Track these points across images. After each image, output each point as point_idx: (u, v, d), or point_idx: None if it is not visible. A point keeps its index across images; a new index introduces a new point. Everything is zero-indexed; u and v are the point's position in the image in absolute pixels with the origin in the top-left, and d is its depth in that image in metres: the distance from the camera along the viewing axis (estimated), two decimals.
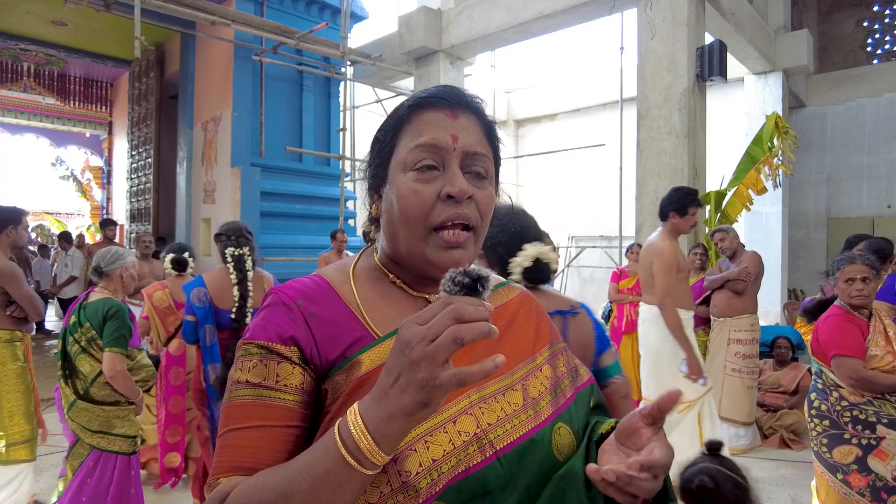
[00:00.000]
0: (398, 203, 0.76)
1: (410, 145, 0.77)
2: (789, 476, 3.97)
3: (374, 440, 0.58)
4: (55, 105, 11.64)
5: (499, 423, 0.75)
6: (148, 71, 8.91)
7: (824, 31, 10.28)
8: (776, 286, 8.28)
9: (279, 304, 0.77)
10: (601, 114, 10.92)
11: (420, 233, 0.76)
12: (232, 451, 0.69)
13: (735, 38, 7.06)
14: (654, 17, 6.00)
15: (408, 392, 0.56)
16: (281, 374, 0.72)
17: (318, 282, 0.82)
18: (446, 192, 0.74)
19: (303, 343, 0.74)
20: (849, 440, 2.47)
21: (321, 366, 0.74)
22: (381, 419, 0.58)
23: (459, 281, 0.60)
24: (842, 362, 2.49)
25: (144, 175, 9.12)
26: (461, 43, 7.69)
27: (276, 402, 0.71)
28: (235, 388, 0.73)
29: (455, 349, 0.55)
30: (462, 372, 0.56)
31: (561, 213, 11.46)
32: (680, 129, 5.80)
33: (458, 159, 0.76)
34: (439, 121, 0.77)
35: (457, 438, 0.71)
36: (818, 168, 9.73)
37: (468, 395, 0.76)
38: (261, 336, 0.74)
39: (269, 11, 7.46)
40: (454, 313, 0.56)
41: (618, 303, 5.46)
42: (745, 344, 4.42)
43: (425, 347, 0.55)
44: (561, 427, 0.79)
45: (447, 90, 0.80)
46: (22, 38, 8.80)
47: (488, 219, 0.80)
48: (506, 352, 0.81)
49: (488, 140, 0.82)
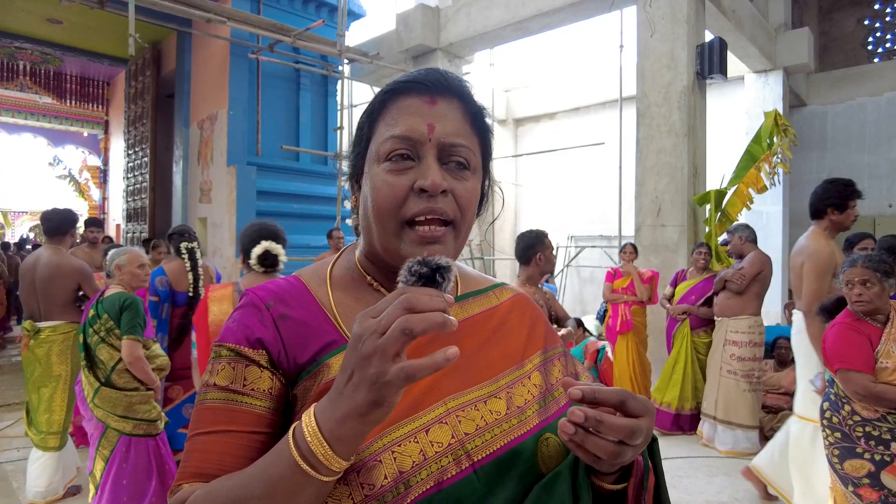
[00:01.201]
0: (371, 195, 0.72)
1: (385, 135, 0.72)
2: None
3: (329, 444, 0.55)
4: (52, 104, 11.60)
5: (477, 433, 0.69)
6: (144, 69, 8.85)
7: (825, 29, 10.23)
8: (776, 286, 8.21)
9: (250, 305, 0.74)
10: (601, 113, 10.86)
11: (392, 227, 0.70)
12: (196, 457, 0.67)
13: (735, 35, 7.00)
14: (654, 14, 5.95)
15: (360, 390, 0.53)
16: (249, 377, 0.69)
17: (293, 283, 0.79)
18: (418, 186, 0.69)
19: (270, 346, 0.70)
20: (861, 454, 2.34)
21: (290, 370, 0.70)
22: (335, 421, 0.54)
23: (416, 271, 0.57)
24: (848, 377, 2.32)
25: (141, 174, 9.06)
26: (459, 41, 7.65)
27: (244, 407, 0.68)
28: (205, 391, 0.70)
29: (405, 341, 0.51)
30: (409, 365, 0.51)
31: (560, 213, 11.40)
32: (679, 128, 5.75)
33: (434, 150, 0.70)
34: (415, 108, 0.72)
35: (429, 449, 0.66)
36: (819, 167, 9.67)
37: (445, 403, 0.70)
38: (230, 338, 0.71)
39: (265, 9, 7.40)
40: (405, 303, 0.53)
41: (612, 303, 5.42)
42: (740, 346, 4.34)
43: (375, 341, 0.52)
44: (549, 438, 0.73)
45: (427, 73, 0.74)
46: (17, 37, 8.74)
47: (470, 212, 0.73)
48: (493, 357, 0.78)
49: (474, 128, 0.75)
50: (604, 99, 10.59)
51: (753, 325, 4.34)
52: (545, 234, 3.17)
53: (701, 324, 4.80)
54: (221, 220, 7.26)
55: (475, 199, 0.74)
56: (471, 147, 0.73)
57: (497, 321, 0.83)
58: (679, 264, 5.56)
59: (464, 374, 0.74)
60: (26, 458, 4.22)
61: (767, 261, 4.41)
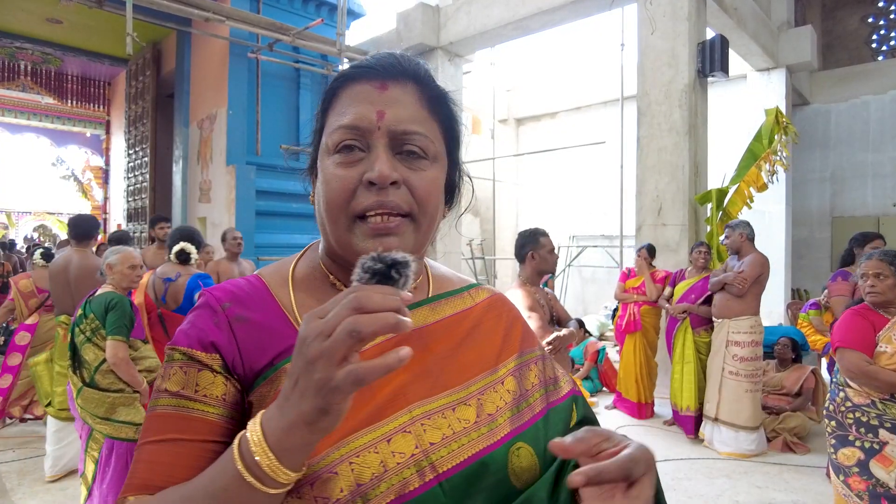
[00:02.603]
0: (322, 189, 0.68)
1: (334, 125, 0.68)
2: (792, 481, 3.86)
3: (275, 454, 0.51)
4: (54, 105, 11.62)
5: (443, 443, 0.65)
6: (144, 69, 8.85)
7: (828, 27, 10.16)
8: (779, 286, 8.17)
9: (205, 306, 0.70)
10: (602, 112, 10.82)
11: (344, 222, 0.66)
12: (143, 467, 0.62)
13: (737, 33, 6.95)
14: (655, 11, 5.91)
15: (306, 397, 0.49)
16: (201, 383, 0.64)
17: (253, 283, 0.74)
18: (366, 178, 0.64)
19: (224, 350, 0.66)
20: (853, 442, 2.40)
21: (246, 375, 0.66)
22: (282, 429, 0.50)
23: (370, 267, 0.53)
24: (843, 355, 2.44)
25: (141, 174, 9.05)
26: (459, 40, 7.61)
27: (195, 414, 0.63)
28: (156, 396, 0.66)
29: (352, 344, 0.47)
30: (358, 368, 0.47)
31: (562, 213, 11.36)
32: (680, 126, 5.70)
33: (384, 138, 0.66)
34: (365, 95, 0.67)
35: (390, 460, 0.62)
36: (822, 166, 9.61)
37: (410, 410, 0.66)
38: (183, 341, 0.67)
39: (265, 8, 7.38)
40: (353, 302, 0.48)
41: (623, 302, 5.39)
42: (742, 346, 4.30)
43: (321, 344, 0.48)
44: (521, 448, 0.69)
45: (380, 57, 0.69)
46: (17, 37, 8.75)
47: (431, 204, 0.68)
48: (465, 361, 0.73)
49: (433, 114, 0.70)
50: (605, 98, 10.55)
51: (755, 324, 4.29)
52: (541, 231, 3.12)
53: (701, 323, 4.75)
54: (221, 220, 7.24)
55: (435, 191, 0.69)
56: (428, 134, 0.68)
57: (471, 323, 0.78)
58: (680, 263, 5.52)
59: (433, 379, 0.69)
60: (21, 458, 4.23)
61: (767, 263, 4.35)
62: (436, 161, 0.70)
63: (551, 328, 2.96)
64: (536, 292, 3.10)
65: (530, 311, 2.93)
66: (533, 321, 2.91)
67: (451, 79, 8.01)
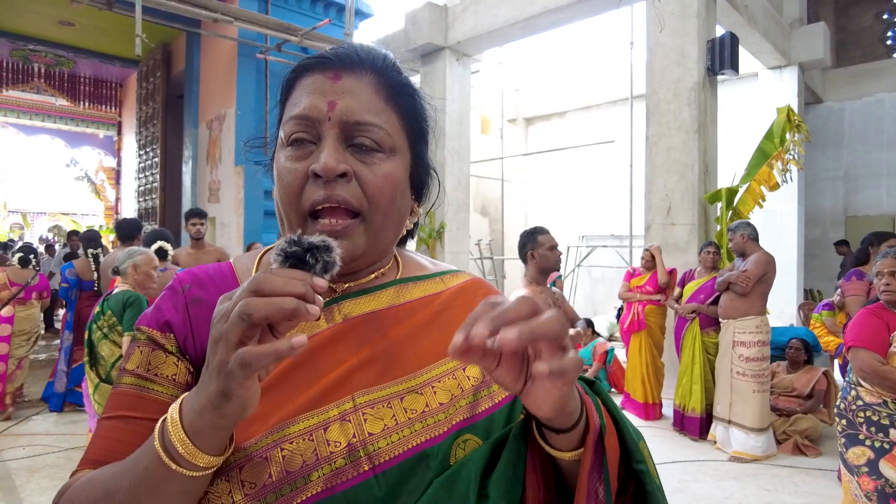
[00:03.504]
0: (276, 184, 0.67)
1: (287, 116, 0.67)
2: (802, 484, 3.80)
3: (189, 436, 0.50)
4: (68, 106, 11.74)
5: (384, 434, 0.62)
6: (154, 70, 8.92)
7: (842, 24, 10.02)
8: (791, 286, 8.07)
9: (169, 288, 0.71)
10: (611, 111, 10.75)
11: (295, 220, 0.64)
12: (98, 442, 0.64)
13: (748, 31, 6.88)
14: (663, 9, 5.86)
15: (213, 379, 0.48)
16: (153, 362, 0.65)
17: (223, 267, 0.74)
18: (311, 170, 0.62)
19: (178, 329, 0.66)
20: (863, 441, 2.38)
21: (197, 357, 0.66)
22: (195, 411, 0.50)
23: (283, 250, 0.51)
24: (856, 354, 2.40)
25: (151, 174, 9.13)
26: (467, 39, 7.60)
27: (149, 394, 0.64)
28: (120, 375, 0.67)
29: (244, 328, 0.46)
30: (246, 353, 0.46)
31: (571, 212, 11.30)
32: (690, 124, 5.65)
33: (335, 129, 0.63)
34: (318, 85, 0.65)
35: (323, 448, 0.60)
36: (835, 165, 9.48)
37: (353, 398, 0.64)
38: (145, 322, 0.69)
39: (273, 9, 7.40)
40: (252, 285, 0.47)
41: (627, 301, 5.35)
42: (748, 346, 4.24)
43: (222, 326, 0.48)
44: (469, 439, 0.65)
45: (337, 48, 0.68)
46: (30, 39, 8.85)
47: (383, 200, 0.65)
48: (424, 347, 0.70)
49: (391, 104, 0.67)
50: (614, 97, 10.49)
51: (760, 324, 4.24)
52: (539, 230, 3.10)
53: (711, 323, 4.70)
54: (229, 220, 7.28)
55: (388, 186, 0.66)
56: (383, 126, 0.65)
57: (436, 308, 0.74)
58: (690, 263, 5.46)
59: (383, 366, 0.67)
60: (31, 455, 4.28)
61: (771, 261, 4.30)
62: (393, 154, 0.67)
63: None
64: (542, 292, 3.08)
65: None
66: None
67: (458, 79, 8.00)
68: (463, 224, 8.01)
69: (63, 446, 4.46)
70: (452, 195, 7.82)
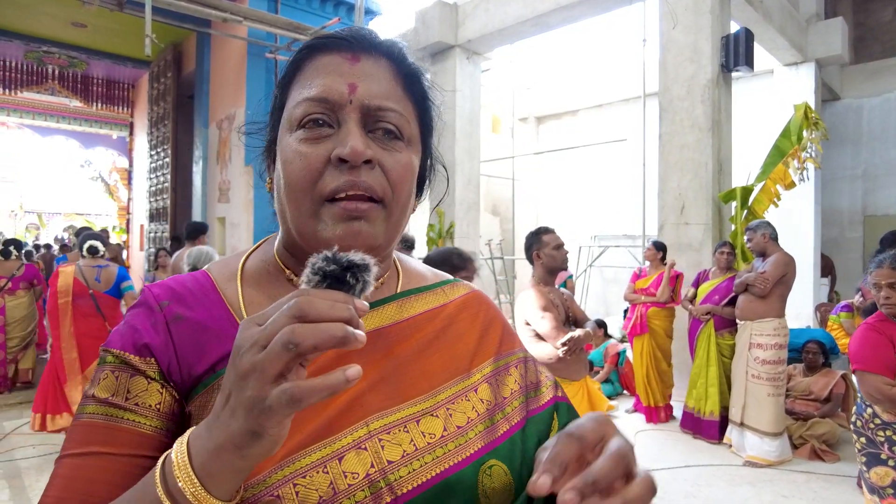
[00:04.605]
0: (283, 170, 0.61)
1: (298, 98, 0.61)
2: (820, 490, 3.70)
3: (200, 480, 0.44)
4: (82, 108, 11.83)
5: (404, 461, 0.58)
6: (165, 71, 8.95)
7: (860, 19, 9.83)
8: (808, 287, 7.92)
9: (143, 304, 0.63)
10: (624, 109, 10.64)
11: (308, 206, 0.59)
12: (59, 483, 0.54)
13: (763, 27, 6.75)
14: (676, 5, 5.76)
15: (236, 416, 0.43)
16: (133, 389, 0.58)
17: (199, 279, 0.67)
18: (336, 155, 0.57)
19: (160, 353, 0.59)
20: (885, 461, 2.25)
21: (184, 382, 0.59)
22: (209, 452, 0.44)
23: (320, 268, 0.46)
24: (863, 378, 2.26)
25: (162, 174, 9.16)
26: (477, 37, 7.54)
27: (124, 425, 0.56)
28: (83, 403, 0.59)
29: (288, 359, 0.41)
30: (296, 388, 0.41)
31: (583, 212, 11.20)
32: (703, 122, 5.55)
33: (356, 113, 0.59)
34: (335, 66, 0.61)
35: (341, 481, 0.55)
36: (853, 163, 9.30)
37: (367, 423, 0.59)
38: (116, 343, 0.60)
39: (283, 9, 7.39)
40: (294, 309, 0.42)
41: (632, 302, 5.27)
42: (765, 349, 4.14)
43: (255, 356, 0.42)
44: (494, 465, 0.61)
45: (350, 29, 0.63)
46: (44, 41, 8.91)
47: (405, 189, 0.62)
48: (432, 366, 0.65)
49: (407, 93, 0.64)
50: (627, 95, 10.37)
51: (778, 327, 4.13)
52: (544, 229, 3.05)
53: (725, 325, 4.61)
54: (239, 220, 7.28)
55: (409, 176, 0.62)
56: (403, 113, 0.62)
57: (442, 323, 0.70)
58: (703, 263, 5.37)
59: (394, 387, 0.62)
60: (41, 455, 4.29)
61: (792, 262, 4.19)
62: (410, 144, 0.64)
63: (566, 329, 2.88)
64: (550, 292, 3.02)
65: (543, 310, 2.85)
66: (546, 321, 2.83)
67: (468, 77, 7.94)
68: (473, 223, 7.95)
69: None
70: (463, 195, 7.76)
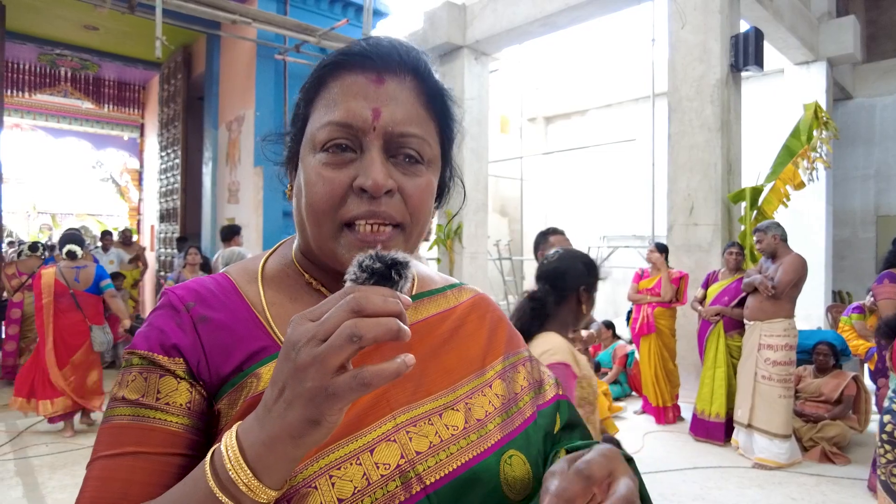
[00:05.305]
0: (305, 190, 0.63)
1: (322, 120, 0.62)
2: (830, 493, 3.67)
3: (253, 471, 0.47)
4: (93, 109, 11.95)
5: (431, 452, 0.61)
6: (176, 73, 9.02)
7: (873, 17, 9.73)
8: (819, 288, 7.85)
9: (167, 306, 0.65)
10: (633, 108, 10.60)
11: (329, 229, 0.61)
12: (95, 485, 0.56)
13: (773, 25, 6.70)
14: (685, 5, 5.73)
15: (293, 408, 0.45)
16: (163, 389, 0.59)
17: (220, 281, 0.69)
18: (358, 185, 0.59)
19: (188, 353, 0.61)
20: None
21: (212, 381, 0.61)
22: (262, 444, 0.47)
23: (368, 266, 0.50)
24: None
25: (173, 175, 9.23)
26: (486, 38, 7.54)
27: (156, 424, 0.58)
28: (112, 406, 0.60)
29: (352, 350, 0.44)
30: (366, 372, 0.44)
31: (592, 212, 11.16)
32: (713, 122, 5.52)
33: (379, 140, 0.61)
34: (359, 88, 0.61)
35: (373, 472, 0.57)
36: (866, 163, 9.21)
37: (393, 417, 0.62)
38: (142, 345, 0.62)
39: (292, 10, 7.42)
40: (353, 303, 0.45)
41: (636, 303, 5.25)
42: (775, 350, 4.12)
43: (314, 349, 0.44)
44: (513, 455, 0.65)
45: (375, 44, 0.63)
46: (57, 44, 9.01)
47: (423, 212, 0.64)
48: (449, 363, 0.69)
49: (430, 112, 0.65)
50: (636, 94, 10.34)
51: (788, 327, 4.11)
52: (552, 230, 3.05)
53: (735, 326, 4.59)
54: (248, 221, 7.32)
55: (427, 198, 0.65)
56: (425, 136, 0.63)
57: (453, 323, 0.75)
58: (713, 264, 5.34)
59: (416, 383, 0.65)
60: (54, 453, 4.34)
61: (804, 264, 4.16)
62: (431, 165, 0.65)
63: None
64: None
65: None
66: None
67: (477, 77, 7.95)
68: (481, 224, 7.96)
69: (84, 444, 4.52)
70: (471, 195, 7.77)
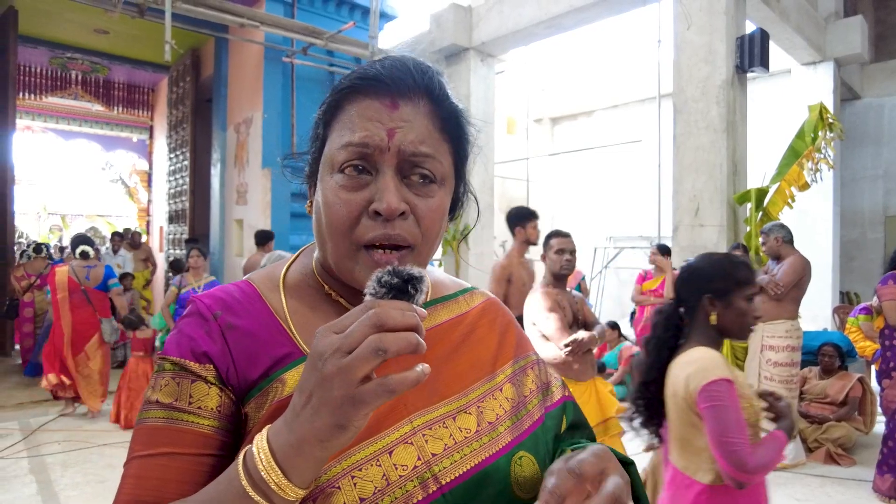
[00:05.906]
0: (324, 209, 0.66)
1: (339, 142, 0.65)
2: (835, 494, 3.68)
3: (283, 471, 0.50)
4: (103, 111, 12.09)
5: (446, 453, 0.65)
6: (184, 75, 9.11)
7: (881, 17, 9.68)
8: (826, 289, 7.82)
9: (196, 314, 0.69)
10: (639, 109, 10.59)
11: (345, 249, 0.65)
12: (132, 483, 0.60)
13: (780, 26, 6.69)
14: (690, 6, 5.74)
15: (320, 414, 0.49)
16: (195, 394, 0.63)
17: (244, 288, 0.73)
18: (373, 209, 0.62)
19: (218, 360, 0.65)
20: None
21: (240, 386, 0.65)
22: (291, 446, 0.50)
23: (386, 282, 0.53)
24: None
25: (181, 177, 9.31)
26: (492, 39, 7.57)
27: (189, 427, 0.62)
28: (146, 408, 0.64)
29: (376, 362, 0.47)
30: (390, 380, 0.47)
31: (598, 213, 11.16)
32: (718, 123, 5.52)
33: (393, 161, 0.64)
34: (373, 112, 0.64)
35: (392, 472, 0.61)
36: (874, 163, 9.16)
37: (410, 420, 0.65)
38: (174, 351, 0.66)
39: (299, 13, 7.48)
40: (375, 319, 0.48)
41: (640, 304, 5.26)
42: (777, 351, 4.13)
43: (340, 360, 0.48)
44: (523, 456, 0.69)
45: (390, 67, 0.66)
46: (68, 47, 9.13)
47: (435, 232, 0.67)
48: (461, 368, 0.73)
49: (444, 133, 0.67)
50: (642, 96, 10.33)
51: (791, 329, 4.11)
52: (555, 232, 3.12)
53: None
54: (257, 222, 7.38)
55: (440, 217, 0.68)
56: (437, 156, 0.66)
57: (465, 329, 0.78)
58: None
59: (430, 387, 0.68)
60: (66, 451, 4.41)
61: (807, 266, 4.17)
62: (443, 184, 0.68)
63: (571, 331, 2.90)
64: (559, 294, 3.06)
65: (549, 311, 2.89)
66: (551, 322, 2.87)
67: (483, 79, 7.98)
68: (487, 225, 7.98)
69: (96, 442, 4.59)
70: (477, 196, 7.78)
